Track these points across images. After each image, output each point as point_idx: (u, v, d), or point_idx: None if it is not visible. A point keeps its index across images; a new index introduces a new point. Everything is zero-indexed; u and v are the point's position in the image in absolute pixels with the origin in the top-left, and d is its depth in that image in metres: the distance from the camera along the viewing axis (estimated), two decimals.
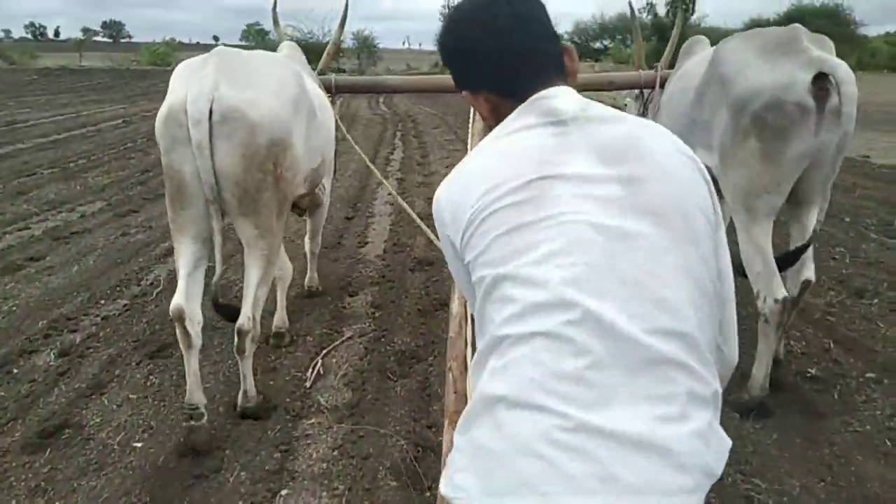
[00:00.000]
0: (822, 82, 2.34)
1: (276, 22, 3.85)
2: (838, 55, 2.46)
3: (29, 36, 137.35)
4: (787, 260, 2.61)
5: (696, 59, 3.12)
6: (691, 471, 0.82)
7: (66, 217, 5.67)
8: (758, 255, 2.56)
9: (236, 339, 2.53)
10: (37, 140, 9.99)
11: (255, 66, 2.51)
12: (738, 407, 2.65)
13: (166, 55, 35.39)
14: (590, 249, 0.89)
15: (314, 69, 3.65)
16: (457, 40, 1.11)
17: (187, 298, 2.40)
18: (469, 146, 3.00)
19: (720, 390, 0.92)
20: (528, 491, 0.79)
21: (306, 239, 3.79)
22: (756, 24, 48.60)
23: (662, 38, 43.33)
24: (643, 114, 3.67)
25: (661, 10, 44.15)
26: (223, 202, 2.38)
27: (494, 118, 1.10)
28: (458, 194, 1.00)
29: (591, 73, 4.85)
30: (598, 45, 53.03)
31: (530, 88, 1.04)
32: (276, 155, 2.41)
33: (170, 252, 4.52)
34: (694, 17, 44.57)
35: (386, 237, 5.20)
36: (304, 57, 3.44)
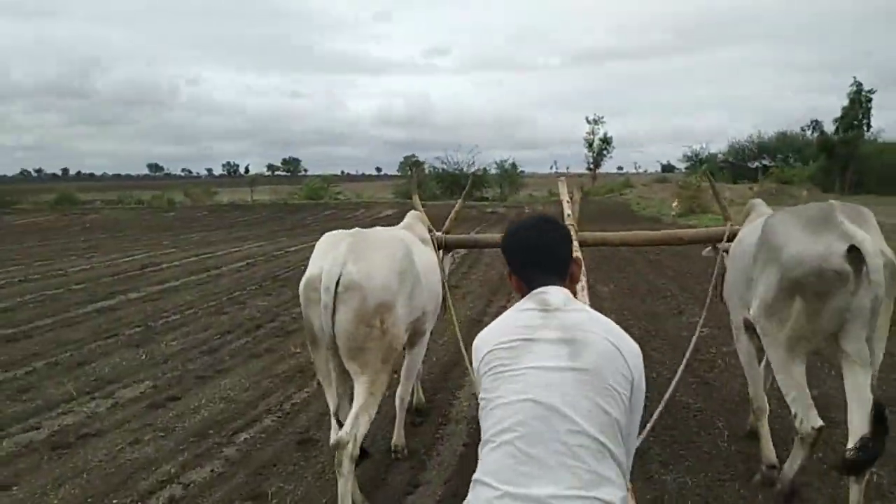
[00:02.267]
0: (856, 252, 2.64)
1: (414, 191, 4.99)
2: None
3: (225, 173, 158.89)
4: (869, 458, 2.72)
5: (751, 227, 3.51)
6: None
7: (94, 407, 4.89)
8: (793, 385, 2.98)
9: (335, 454, 2.92)
10: (151, 289, 10.00)
11: (375, 244, 3.18)
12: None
13: (321, 189, 37.93)
14: (528, 402, 1.55)
15: (443, 229, 4.48)
16: (509, 245, 1.86)
17: (342, 433, 2.90)
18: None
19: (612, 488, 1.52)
20: None
21: (398, 389, 3.93)
22: None
23: (830, 156, 39.86)
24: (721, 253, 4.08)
25: (829, 127, 40.30)
26: (337, 348, 3.00)
27: (519, 293, 1.82)
28: (486, 339, 1.73)
29: (667, 231, 5.15)
30: (755, 164, 49.78)
31: (538, 284, 1.76)
32: (382, 314, 3.02)
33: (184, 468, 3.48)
34: (868, 133, 40.30)
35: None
36: (423, 224, 4.21)
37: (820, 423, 2.92)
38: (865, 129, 39.43)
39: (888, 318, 2.78)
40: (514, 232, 1.87)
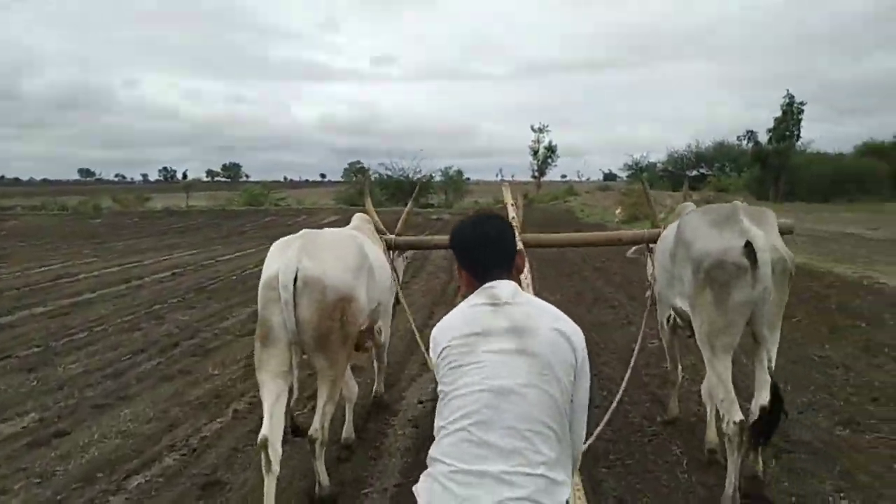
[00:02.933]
0: (751, 247, 2.97)
1: (367, 195, 4.99)
2: None
3: (162, 179, 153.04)
4: (766, 430, 3.11)
5: (671, 227, 3.81)
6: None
7: None
8: (720, 385, 3.15)
9: (309, 445, 3.27)
10: (61, 302, 9.08)
11: (327, 241, 3.38)
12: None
13: (261, 195, 36.73)
14: (483, 392, 1.68)
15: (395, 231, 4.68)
16: (458, 241, 1.98)
17: (272, 430, 3.00)
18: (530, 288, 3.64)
19: (569, 468, 1.77)
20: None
21: (375, 363, 4.75)
22: (870, 147, 45.55)
23: (764, 165, 41.16)
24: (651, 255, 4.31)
25: (763, 138, 41.65)
26: (303, 343, 3.13)
27: (467, 290, 1.93)
28: (443, 331, 1.84)
29: (600, 233, 5.66)
30: (694, 173, 51.06)
31: (487, 278, 1.87)
32: (342, 307, 3.20)
33: None
34: (799, 143, 41.84)
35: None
36: (371, 225, 4.43)
37: (741, 416, 3.08)
38: (796, 139, 40.84)
39: (781, 307, 3.19)
40: (461, 229, 1.99)
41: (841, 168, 40.89)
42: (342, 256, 3.32)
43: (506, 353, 1.71)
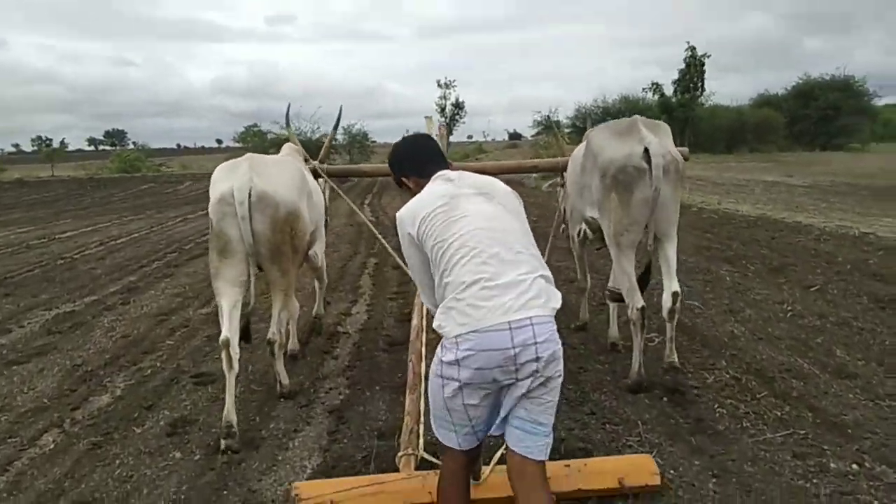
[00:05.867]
0: (648, 153, 3.44)
1: (288, 124, 5.25)
2: (850, 127, 35.32)
3: (36, 148, 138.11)
4: (643, 279, 3.81)
5: (581, 145, 4.29)
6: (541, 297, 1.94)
7: None
8: (625, 277, 3.64)
9: (268, 348, 3.72)
10: None
11: (273, 164, 3.69)
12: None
13: (137, 161, 32.64)
14: (477, 229, 1.98)
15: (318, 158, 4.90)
16: (401, 151, 2.38)
17: (231, 332, 3.31)
18: None
19: (545, 270, 2.04)
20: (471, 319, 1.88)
21: (316, 285, 5.09)
22: (765, 99, 46.77)
23: (670, 117, 41.08)
24: (563, 186, 4.85)
25: (669, 91, 41.59)
26: (258, 255, 3.41)
27: (418, 189, 2.22)
28: (413, 209, 2.09)
29: (520, 160, 6.78)
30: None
31: (433, 173, 2.21)
32: (292, 222, 3.49)
33: None
34: (702, 96, 42.09)
35: None
36: (300, 155, 4.63)
37: (642, 303, 3.61)
38: (701, 91, 41.05)
39: (677, 204, 3.67)
40: (400, 143, 2.43)
41: (742, 119, 41.70)
42: (288, 177, 3.63)
43: (482, 204, 2.07)
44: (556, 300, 1.95)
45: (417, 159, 2.28)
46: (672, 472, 2.81)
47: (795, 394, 3.60)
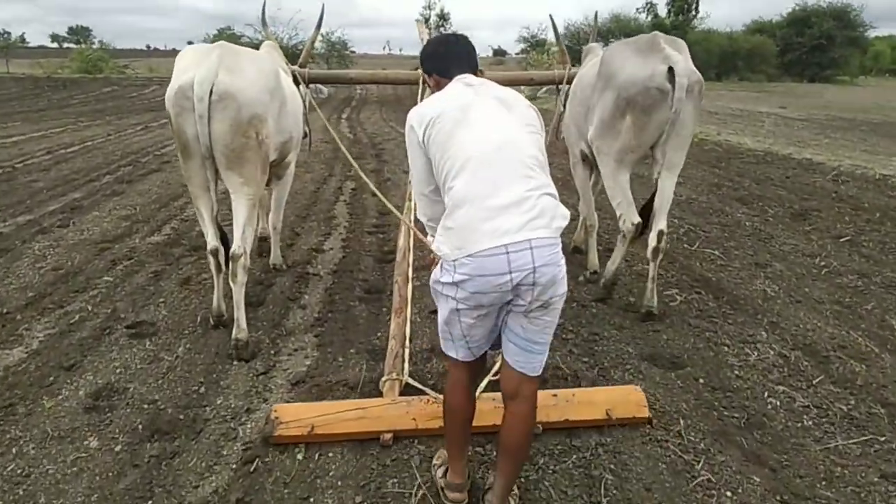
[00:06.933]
0: (672, 73, 3.22)
1: (264, 23, 4.69)
2: (843, 58, 30.90)
3: None
4: (646, 207, 3.63)
5: (591, 64, 4.00)
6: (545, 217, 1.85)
7: None
8: (620, 191, 3.58)
9: (231, 265, 3.22)
10: None
11: (246, 57, 3.23)
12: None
13: (100, 61, 30.32)
14: (486, 140, 1.89)
15: (295, 63, 4.42)
16: (432, 51, 2.22)
17: (216, 239, 3.28)
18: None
19: (553, 188, 1.92)
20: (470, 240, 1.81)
21: (269, 216, 4.40)
22: (759, 25, 45.12)
23: None
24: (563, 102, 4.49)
25: (662, 11, 39.80)
26: (216, 159, 3.08)
27: (437, 89, 2.15)
28: (424, 111, 1.97)
29: (517, 72, 6.34)
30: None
31: (457, 75, 2.09)
32: (256, 126, 3.12)
33: None
34: (696, 18, 40.42)
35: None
36: (280, 55, 4.23)
37: (638, 219, 3.58)
38: (695, 13, 39.40)
39: (692, 130, 3.48)
40: (432, 41, 2.31)
41: (734, 46, 40.22)
42: (260, 75, 3.22)
43: (497, 114, 1.96)
44: (562, 218, 1.88)
45: (444, 57, 2.17)
46: (729, 494, 2.19)
47: (860, 381, 2.99)
